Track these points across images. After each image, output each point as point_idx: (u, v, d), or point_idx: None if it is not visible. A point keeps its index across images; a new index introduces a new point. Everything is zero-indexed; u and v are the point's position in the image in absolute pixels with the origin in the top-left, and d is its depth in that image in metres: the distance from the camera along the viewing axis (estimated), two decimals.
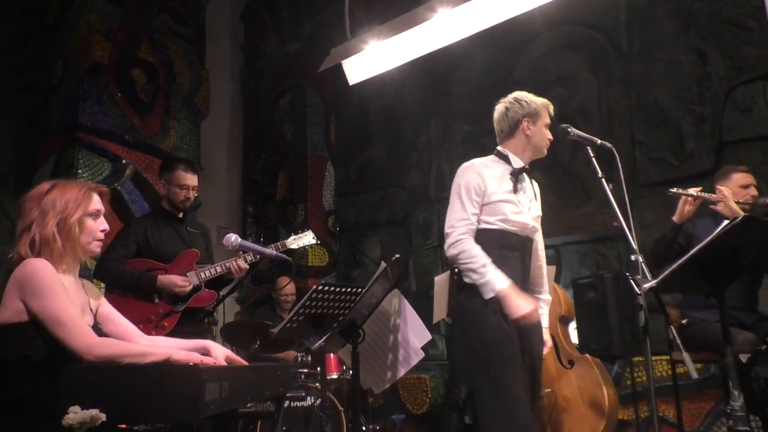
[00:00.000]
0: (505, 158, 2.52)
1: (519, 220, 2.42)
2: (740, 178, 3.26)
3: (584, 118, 4.76)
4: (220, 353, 1.93)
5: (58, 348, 1.69)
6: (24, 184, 5.23)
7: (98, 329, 1.92)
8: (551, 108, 2.58)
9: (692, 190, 3.08)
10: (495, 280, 2.26)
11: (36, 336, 1.70)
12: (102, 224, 1.95)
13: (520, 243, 2.45)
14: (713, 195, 3.09)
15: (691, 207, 3.09)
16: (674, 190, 3.09)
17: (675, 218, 3.14)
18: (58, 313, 1.70)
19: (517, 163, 2.51)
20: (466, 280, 2.34)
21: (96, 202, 1.94)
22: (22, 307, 1.71)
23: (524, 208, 2.47)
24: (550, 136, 2.55)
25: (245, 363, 2.03)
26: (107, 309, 2.02)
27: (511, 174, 2.47)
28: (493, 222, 2.39)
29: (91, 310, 1.94)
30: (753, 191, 3.23)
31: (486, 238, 2.40)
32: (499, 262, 2.33)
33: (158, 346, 1.90)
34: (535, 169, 2.68)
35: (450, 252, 2.37)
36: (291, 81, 6.46)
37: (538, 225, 2.59)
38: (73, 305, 1.79)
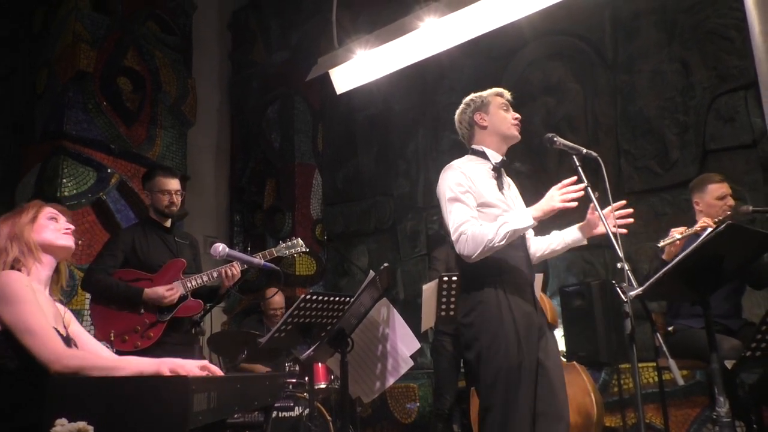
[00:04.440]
0: (482, 154, 2.48)
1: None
2: (715, 189, 3.22)
3: (571, 127, 4.80)
4: (191, 366, 1.88)
5: (30, 357, 1.67)
6: (8, 193, 5.18)
7: (72, 342, 1.89)
8: (506, 93, 2.54)
9: (678, 235, 3.02)
10: (517, 221, 2.21)
11: (9, 346, 1.68)
12: (64, 223, 1.96)
13: (521, 239, 2.41)
14: (696, 227, 3.03)
15: (679, 244, 3.05)
16: (662, 243, 3.01)
17: (664, 256, 3.09)
18: (26, 321, 1.68)
19: (495, 156, 2.47)
20: (503, 243, 2.22)
21: (51, 210, 1.97)
22: None
23: (512, 204, 2.44)
24: (514, 115, 2.50)
25: (220, 372, 1.99)
26: (76, 329, 1.99)
27: (492, 170, 2.43)
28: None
29: (64, 324, 1.91)
30: (729, 201, 3.20)
31: None
32: (509, 263, 2.30)
33: (128, 359, 1.87)
34: (522, 177, 2.69)
35: (466, 252, 2.23)
36: (279, 90, 6.47)
37: None
38: (47, 315, 1.77)
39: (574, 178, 2.20)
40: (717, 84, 4.20)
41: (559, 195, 2.20)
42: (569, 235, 2.52)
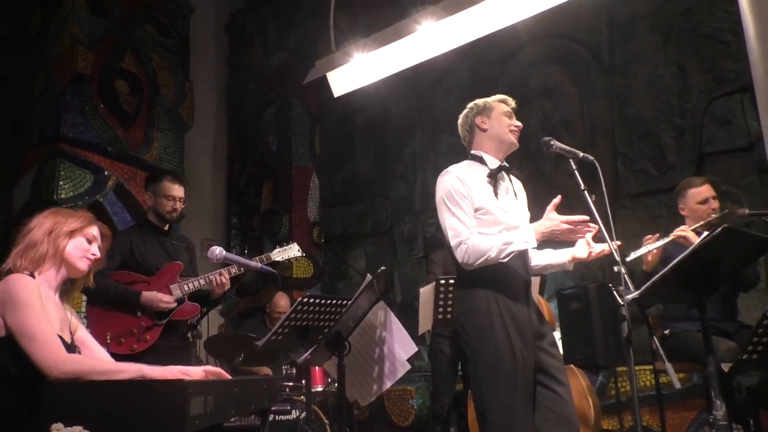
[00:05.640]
0: (480, 159, 2.47)
1: (511, 224, 2.36)
2: (696, 194, 3.20)
3: (567, 131, 4.81)
4: (196, 372, 1.90)
5: (29, 364, 1.67)
6: (5, 195, 5.17)
7: (76, 349, 1.89)
8: (510, 100, 2.54)
9: (650, 242, 3.04)
10: (521, 242, 2.21)
11: (13, 351, 1.69)
12: (94, 249, 2.01)
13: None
14: (672, 235, 3.04)
15: (656, 254, 3.07)
16: (632, 257, 3.03)
17: (645, 268, 3.12)
18: (28, 327, 1.69)
19: (493, 162, 2.46)
20: (504, 260, 2.23)
21: (95, 231, 2.03)
22: (1, 322, 1.70)
23: (509, 211, 2.41)
24: (515, 123, 2.49)
25: (227, 376, 1.99)
26: (83, 334, 2.00)
27: (488, 176, 2.41)
28: (488, 233, 2.32)
29: (71, 330, 1.92)
30: (713, 204, 3.17)
31: None
32: (504, 268, 2.28)
33: (130, 363, 1.87)
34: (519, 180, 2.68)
35: (467, 262, 2.24)
36: (276, 92, 6.47)
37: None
38: (51, 321, 1.77)
39: (587, 218, 2.18)
40: (713, 87, 4.21)
41: (566, 231, 2.19)
42: (556, 258, 2.51)
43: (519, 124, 2.51)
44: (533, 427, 2.18)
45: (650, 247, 3.03)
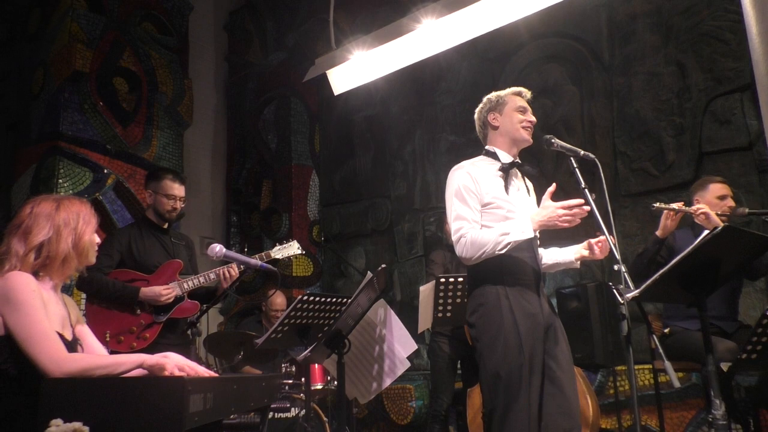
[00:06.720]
0: (494, 155, 2.50)
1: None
2: (717, 189, 3.27)
3: (567, 129, 4.81)
4: (195, 366, 1.90)
5: (29, 363, 1.66)
6: (3, 193, 5.16)
7: (77, 344, 1.89)
8: (525, 92, 2.54)
9: (675, 205, 3.07)
10: (518, 232, 2.22)
11: (13, 350, 1.68)
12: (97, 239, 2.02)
13: (528, 241, 2.32)
14: (694, 208, 3.10)
15: (674, 221, 3.09)
16: (657, 204, 3.09)
17: (658, 233, 3.13)
18: (28, 328, 1.67)
19: (506, 158, 2.48)
20: (503, 252, 2.24)
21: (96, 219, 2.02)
22: (0, 321, 1.69)
23: (520, 206, 2.42)
24: (528, 118, 2.49)
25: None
26: (83, 329, 1.99)
27: (499, 170, 2.43)
28: (497, 226, 2.33)
29: (71, 325, 1.91)
30: (730, 202, 3.24)
31: None
32: (513, 264, 2.29)
33: (129, 354, 1.87)
34: (532, 180, 2.68)
35: (466, 255, 2.27)
36: (275, 91, 6.46)
37: None
38: (51, 320, 1.76)
39: (581, 201, 2.20)
40: (713, 86, 4.21)
41: (563, 216, 2.20)
42: (562, 256, 2.53)
43: (532, 119, 2.51)
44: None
45: (675, 206, 3.04)
